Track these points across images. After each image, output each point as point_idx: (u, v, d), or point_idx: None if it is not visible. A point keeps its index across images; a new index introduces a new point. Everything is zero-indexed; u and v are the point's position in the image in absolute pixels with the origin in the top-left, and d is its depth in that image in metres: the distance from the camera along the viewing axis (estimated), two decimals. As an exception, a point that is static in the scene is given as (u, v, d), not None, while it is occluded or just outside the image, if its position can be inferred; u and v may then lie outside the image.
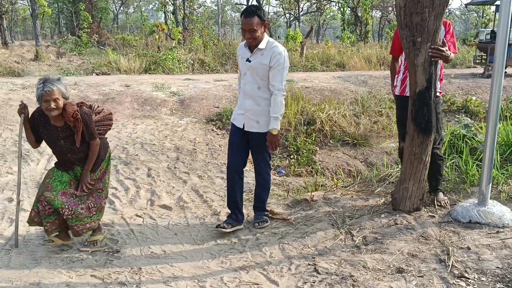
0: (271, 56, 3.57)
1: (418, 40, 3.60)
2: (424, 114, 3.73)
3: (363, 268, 3.19)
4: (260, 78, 3.65)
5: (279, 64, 3.57)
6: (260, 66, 3.61)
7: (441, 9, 3.53)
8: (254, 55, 3.65)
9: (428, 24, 3.55)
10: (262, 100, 3.68)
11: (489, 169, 3.75)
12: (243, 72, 3.76)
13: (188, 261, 3.40)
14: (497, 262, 3.14)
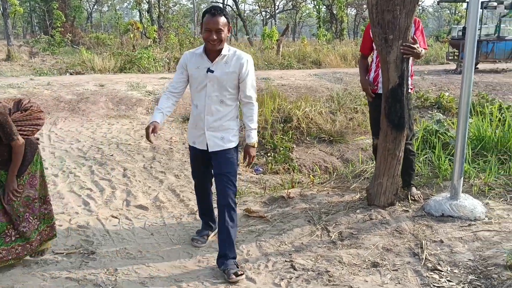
0: (240, 64, 3.15)
1: (390, 37, 3.65)
2: (397, 111, 3.79)
3: (339, 263, 3.23)
4: (225, 90, 3.18)
5: (250, 72, 3.20)
6: (226, 76, 3.14)
7: (412, 7, 3.59)
8: (217, 64, 3.15)
9: (399, 21, 3.60)
10: (224, 114, 3.23)
11: (460, 163, 3.83)
12: (199, 85, 3.18)
13: (165, 261, 3.38)
14: (469, 254, 3.22)
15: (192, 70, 3.21)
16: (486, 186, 4.27)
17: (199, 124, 3.26)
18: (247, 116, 3.25)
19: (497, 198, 4.10)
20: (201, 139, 3.29)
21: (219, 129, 3.24)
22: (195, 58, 3.22)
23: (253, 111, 3.25)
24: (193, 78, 3.22)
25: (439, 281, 2.93)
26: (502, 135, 4.97)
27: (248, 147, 3.25)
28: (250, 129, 3.23)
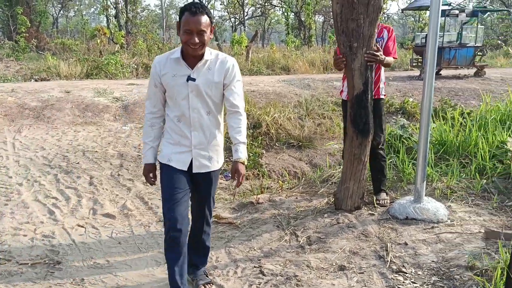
0: (225, 69, 2.73)
1: (354, 45, 3.74)
2: (362, 117, 3.88)
3: (307, 268, 3.27)
4: (210, 101, 2.74)
5: (237, 77, 2.78)
6: (210, 84, 2.71)
7: (375, 16, 3.69)
8: (198, 71, 2.69)
9: (363, 30, 3.70)
10: (212, 129, 2.80)
11: (423, 167, 3.95)
12: (179, 96, 2.70)
13: (132, 269, 3.35)
14: (432, 256, 3.31)
15: (168, 79, 2.70)
16: (448, 189, 4.41)
17: (182, 141, 2.77)
18: (235, 128, 2.77)
19: (459, 200, 4.24)
20: (181, 156, 2.78)
21: (208, 148, 2.81)
22: (170, 64, 2.71)
23: (241, 122, 2.79)
24: (169, 88, 2.72)
25: (404, 282, 3.01)
26: (463, 139, 5.14)
27: (237, 165, 2.73)
28: (239, 142, 2.75)
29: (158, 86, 2.76)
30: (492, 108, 5.82)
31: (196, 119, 2.74)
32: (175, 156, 2.79)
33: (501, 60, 22.21)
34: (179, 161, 2.80)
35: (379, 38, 4.05)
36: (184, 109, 2.73)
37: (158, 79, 2.73)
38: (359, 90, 3.84)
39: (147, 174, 2.86)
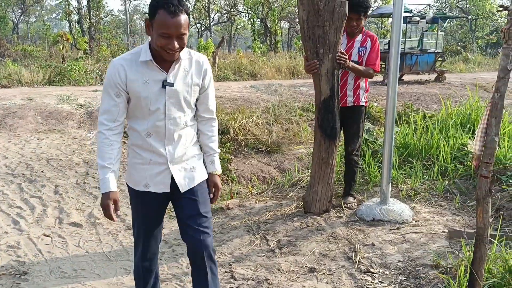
0: (203, 70, 2.35)
1: (320, 51, 3.82)
2: (329, 121, 3.95)
3: (278, 271, 3.30)
4: (188, 107, 2.34)
5: (212, 79, 2.44)
6: (189, 89, 2.31)
7: (340, 23, 3.77)
8: (175, 74, 2.25)
9: (329, 36, 3.78)
10: (191, 138, 2.42)
11: (388, 170, 4.05)
12: (152, 106, 2.24)
13: (101, 278, 3.29)
14: (399, 256, 3.40)
15: (138, 87, 2.21)
16: (413, 190, 4.54)
17: (155, 159, 2.31)
18: (209, 137, 2.48)
19: (423, 201, 4.37)
20: (159, 178, 2.33)
21: (187, 159, 2.40)
22: (138, 68, 2.22)
23: (215, 130, 2.51)
24: (139, 98, 2.23)
25: (372, 282, 3.08)
26: (426, 142, 5.31)
27: (214, 178, 2.49)
28: (214, 153, 2.49)
29: (121, 96, 2.23)
30: (452, 111, 6.03)
31: (173, 131, 2.30)
32: (153, 179, 2.32)
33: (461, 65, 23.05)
34: (158, 184, 2.34)
35: (362, 47, 4.12)
36: (157, 121, 2.27)
37: (122, 87, 2.22)
38: (326, 95, 3.92)
39: (109, 205, 2.27)
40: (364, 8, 4.01)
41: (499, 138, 2.33)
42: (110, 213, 2.27)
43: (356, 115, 4.20)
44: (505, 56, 2.24)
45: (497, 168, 4.50)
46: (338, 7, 3.73)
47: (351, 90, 4.15)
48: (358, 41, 4.14)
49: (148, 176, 2.32)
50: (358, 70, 4.03)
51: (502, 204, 4.02)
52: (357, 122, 4.22)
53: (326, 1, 3.71)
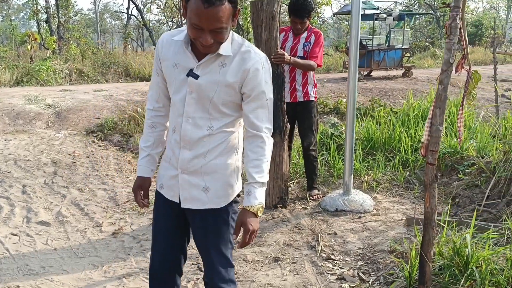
0: (246, 73, 1.85)
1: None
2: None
3: (243, 262, 3.40)
4: (215, 110, 1.89)
5: (265, 86, 1.90)
6: (219, 88, 1.85)
7: (268, 21, 3.93)
8: (205, 65, 1.85)
9: (261, 34, 3.98)
10: (214, 147, 1.92)
11: (350, 162, 4.20)
12: (176, 94, 1.92)
13: (69, 274, 3.33)
14: (359, 243, 3.55)
15: (168, 68, 1.93)
16: (375, 181, 4.72)
17: (172, 160, 1.99)
18: (251, 160, 1.91)
19: (384, 192, 4.55)
20: (172, 183, 2.01)
21: (202, 173, 1.95)
22: (175, 48, 1.91)
23: (263, 151, 1.92)
24: (168, 81, 1.96)
25: (332, 269, 3.21)
26: (388, 135, 5.49)
27: (245, 214, 1.90)
28: (254, 182, 1.89)
29: (159, 74, 1.99)
30: (414, 105, 6.24)
31: (190, 133, 1.91)
32: (167, 182, 2.03)
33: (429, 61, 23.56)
34: (169, 189, 2.03)
35: (306, 42, 4.27)
36: (177, 115, 1.93)
37: (159, 63, 1.97)
38: None
39: (135, 192, 2.12)
40: (307, 13, 4.21)
41: (443, 127, 2.48)
42: (137, 200, 2.13)
43: (306, 110, 4.36)
44: (448, 50, 2.39)
45: (455, 158, 4.71)
46: (265, 6, 3.89)
47: (300, 85, 4.31)
48: (303, 38, 4.33)
49: (164, 176, 2.05)
50: (299, 64, 4.18)
51: (458, 192, 4.21)
52: (309, 118, 4.37)
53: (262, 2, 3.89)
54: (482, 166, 4.20)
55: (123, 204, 4.69)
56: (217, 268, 2.04)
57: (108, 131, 7.35)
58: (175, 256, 2.13)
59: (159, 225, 2.13)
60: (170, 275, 2.14)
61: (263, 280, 3.11)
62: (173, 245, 2.11)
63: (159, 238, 2.12)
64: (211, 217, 1.99)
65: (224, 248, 2.04)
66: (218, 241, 2.02)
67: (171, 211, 2.06)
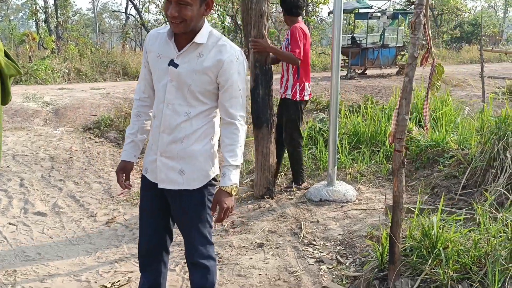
0: (221, 64, 2.05)
1: (250, 44, 4.16)
2: (254, 111, 4.29)
3: (229, 247, 3.59)
4: (192, 97, 2.09)
5: (236, 77, 2.08)
6: (196, 76, 2.05)
7: (257, 19, 4.12)
8: (184, 55, 2.06)
9: (251, 31, 4.14)
10: (190, 134, 2.12)
11: (333, 154, 4.39)
12: (159, 83, 2.14)
13: (64, 260, 3.52)
14: (339, 230, 3.74)
15: (153, 59, 2.14)
16: (359, 173, 4.90)
17: (154, 145, 2.19)
18: (226, 145, 2.12)
19: (367, 183, 4.74)
20: (153, 166, 2.20)
21: (178, 157, 2.13)
22: (160, 41, 2.13)
23: (237, 137, 2.12)
24: (153, 72, 2.18)
25: (313, 253, 3.40)
26: (374, 130, 5.68)
27: (221, 194, 2.09)
28: (229, 165, 2.09)
29: (146, 66, 2.22)
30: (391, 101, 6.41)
31: (169, 118, 2.10)
32: (150, 165, 2.22)
33: (424, 59, 23.74)
34: (152, 172, 2.22)
35: (286, 40, 4.45)
36: (159, 102, 2.14)
37: (146, 56, 2.20)
38: (251, 86, 4.25)
39: (118, 174, 2.31)
40: (284, 8, 4.42)
41: (409, 117, 2.66)
42: (119, 181, 2.32)
43: (284, 107, 4.56)
44: (413, 45, 2.57)
45: (436, 150, 4.88)
46: (254, 4, 4.08)
47: (285, 81, 4.49)
48: (285, 36, 4.52)
49: (148, 161, 2.23)
50: (279, 53, 4.35)
51: (437, 182, 4.39)
52: (286, 114, 4.54)
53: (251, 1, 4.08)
54: (460, 158, 4.38)
55: (117, 196, 4.88)
56: (196, 246, 2.24)
57: (104, 128, 7.53)
58: (160, 235, 2.33)
59: (144, 206, 2.33)
60: (156, 252, 2.34)
61: (246, 263, 3.29)
62: (157, 225, 2.31)
63: (144, 219, 2.33)
64: (188, 198, 2.18)
65: (202, 227, 2.22)
66: (196, 221, 2.20)
67: (154, 193, 2.24)
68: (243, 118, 2.15)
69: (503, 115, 4.06)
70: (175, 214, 2.27)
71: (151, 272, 2.37)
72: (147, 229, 2.32)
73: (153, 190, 2.23)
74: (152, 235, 2.31)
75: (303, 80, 4.49)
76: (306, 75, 4.51)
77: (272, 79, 4.33)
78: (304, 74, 4.50)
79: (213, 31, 2.11)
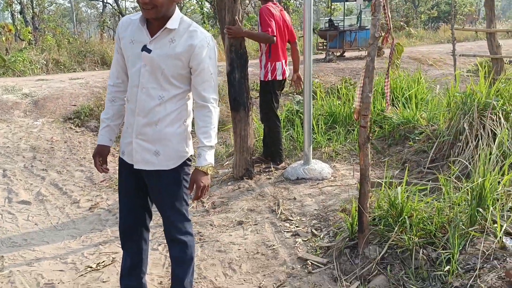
0: (192, 48, 2.15)
1: (224, 31, 4.27)
2: (231, 94, 4.43)
3: (210, 226, 3.74)
4: (166, 81, 2.19)
5: (207, 61, 2.19)
6: (168, 61, 2.16)
7: (230, 4, 4.22)
8: (157, 41, 2.16)
9: (225, 17, 4.25)
10: (164, 117, 2.22)
11: (308, 134, 4.54)
12: (132, 68, 2.22)
13: (49, 244, 3.63)
14: (315, 205, 3.91)
15: (126, 45, 2.23)
16: (334, 152, 5.07)
17: (129, 128, 2.30)
18: (199, 127, 2.23)
19: (343, 161, 4.91)
20: (129, 148, 2.31)
21: (153, 139, 2.25)
22: (132, 27, 2.22)
23: (210, 120, 2.23)
24: (126, 57, 2.26)
25: (289, 227, 3.57)
26: (349, 110, 5.85)
27: (197, 173, 2.22)
28: (203, 146, 2.21)
29: (119, 52, 2.30)
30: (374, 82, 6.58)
31: (143, 102, 2.20)
32: (127, 148, 2.33)
33: (403, 40, 23.99)
34: (128, 154, 2.33)
35: (258, 23, 4.58)
36: (133, 86, 2.23)
37: (119, 42, 2.28)
38: (227, 70, 4.38)
39: (95, 157, 2.41)
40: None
41: (372, 94, 2.82)
42: (96, 165, 2.42)
43: (260, 89, 4.76)
44: (373, 25, 2.72)
45: (407, 127, 5.08)
46: None
47: (260, 63, 4.65)
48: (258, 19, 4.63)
49: (124, 144, 2.33)
50: (253, 34, 4.51)
51: (408, 157, 4.59)
52: (260, 95, 4.76)
53: None
54: (429, 133, 4.57)
55: (99, 183, 4.98)
56: (174, 223, 2.40)
57: (84, 118, 7.57)
58: (138, 213, 2.47)
59: (122, 187, 2.45)
60: (136, 230, 2.49)
61: (226, 240, 3.45)
62: (134, 204, 2.44)
63: (123, 199, 2.46)
64: (164, 178, 2.30)
65: (179, 205, 2.36)
66: (172, 199, 2.33)
67: (131, 174, 2.36)
68: (216, 101, 2.26)
69: (468, 91, 4.25)
70: (153, 194, 2.39)
71: (132, 249, 2.51)
72: (125, 208, 2.44)
73: (130, 171, 2.34)
74: (130, 214, 2.44)
75: (274, 59, 4.62)
76: (277, 54, 4.62)
77: (248, 63, 4.45)
78: (274, 53, 4.62)
79: (184, 18, 2.21)
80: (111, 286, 2.97)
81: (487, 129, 3.93)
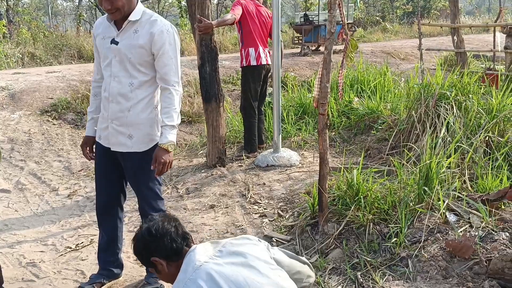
0: (152, 36, 2.41)
1: (195, 26, 4.49)
2: (202, 86, 4.66)
3: (184, 210, 3.97)
4: (134, 69, 2.46)
5: (167, 46, 2.43)
6: (134, 50, 2.43)
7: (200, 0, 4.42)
8: (123, 33, 2.45)
9: (194, 12, 4.45)
10: (136, 103, 2.49)
11: (278, 123, 4.80)
12: (105, 61, 2.52)
13: (30, 229, 3.82)
14: (283, 190, 4.18)
15: (99, 42, 2.54)
16: (303, 141, 5.35)
17: (104, 114, 2.58)
18: (163, 108, 2.47)
19: (311, 149, 5.19)
20: (105, 133, 2.58)
21: (127, 124, 2.51)
22: (104, 25, 2.54)
23: (171, 101, 2.45)
24: (100, 53, 2.56)
25: (258, 209, 3.83)
26: (319, 101, 6.12)
27: (159, 150, 2.43)
28: (165, 125, 2.43)
29: (97, 50, 2.61)
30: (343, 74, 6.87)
31: (116, 89, 2.48)
32: (103, 132, 2.60)
33: (379, 35, 24.45)
34: (104, 138, 2.60)
35: None
36: (106, 77, 2.52)
37: (95, 41, 2.60)
38: (198, 63, 4.61)
39: (83, 147, 2.73)
40: None
41: (330, 84, 3.08)
42: (84, 154, 2.74)
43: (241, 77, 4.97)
44: (329, 22, 2.98)
45: (372, 117, 5.38)
46: None
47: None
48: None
49: (100, 128, 2.62)
50: (220, 21, 4.67)
51: (370, 145, 4.89)
52: (241, 83, 4.98)
53: None
54: (390, 123, 4.88)
55: (77, 172, 5.16)
56: (148, 200, 2.67)
57: (62, 110, 7.68)
58: (113, 193, 2.74)
59: (98, 168, 2.74)
60: (110, 208, 2.77)
61: (198, 221, 3.69)
62: (109, 184, 2.72)
63: (99, 180, 2.73)
64: (137, 160, 2.56)
65: (152, 184, 2.64)
66: (145, 178, 2.61)
67: (107, 156, 2.63)
68: (178, 84, 2.50)
69: (424, 82, 4.56)
70: (127, 174, 2.66)
71: (108, 226, 2.78)
72: (102, 188, 2.72)
73: (105, 154, 2.62)
74: (106, 193, 2.72)
75: (247, 45, 4.88)
76: (250, 41, 4.86)
77: (218, 56, 4.67)
78: (247, 40, 4.88)
79: (146, 10, 2.52)
80: (89, 263, 3.19)
81: (441, 118, 4.25)
